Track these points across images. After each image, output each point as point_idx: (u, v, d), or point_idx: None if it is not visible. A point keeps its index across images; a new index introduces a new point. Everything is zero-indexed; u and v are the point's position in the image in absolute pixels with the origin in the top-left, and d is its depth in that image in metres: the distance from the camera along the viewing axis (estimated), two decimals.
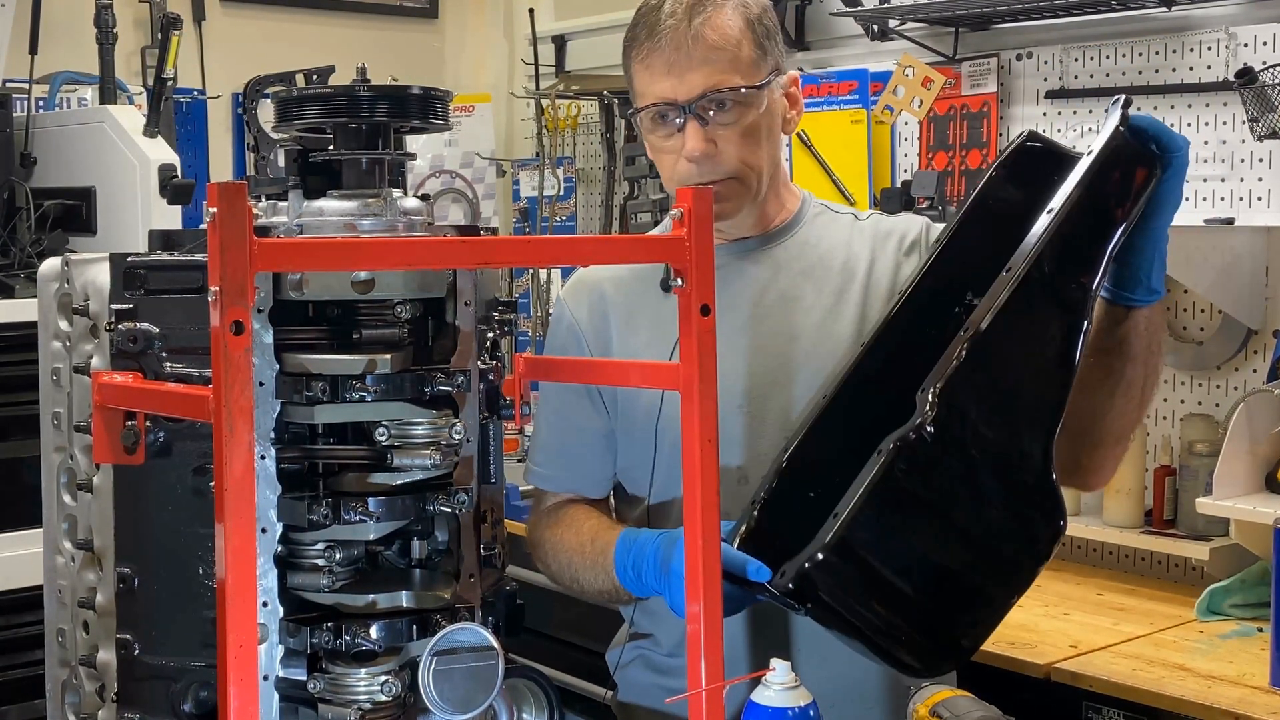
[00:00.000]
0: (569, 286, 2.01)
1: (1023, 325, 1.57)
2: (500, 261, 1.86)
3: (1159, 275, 1.67)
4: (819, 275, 1.88)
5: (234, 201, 1.08)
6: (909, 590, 1.53)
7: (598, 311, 1.93)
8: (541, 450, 1.97)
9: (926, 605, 1.54)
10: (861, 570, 1.51)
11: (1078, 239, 1.59)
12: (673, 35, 1.76)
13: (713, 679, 1.30)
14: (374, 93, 1.37)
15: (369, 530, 1.33)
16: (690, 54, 1.76)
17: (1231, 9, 2.94)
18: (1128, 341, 1.69)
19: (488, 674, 1.28)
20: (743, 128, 1.80)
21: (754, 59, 1.80)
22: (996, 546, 1.56)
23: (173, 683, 1.35)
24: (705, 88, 1.77)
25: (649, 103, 1.80)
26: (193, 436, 1.33)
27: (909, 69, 3.41)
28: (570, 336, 1.95)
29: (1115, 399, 1.73)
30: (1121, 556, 3.16)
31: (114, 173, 3.20)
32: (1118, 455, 1.81)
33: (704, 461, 1.31)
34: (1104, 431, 1.76)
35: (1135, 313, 1.68)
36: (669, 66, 1.77)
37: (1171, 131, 1.62)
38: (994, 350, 1.55)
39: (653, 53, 1.78)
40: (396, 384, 1.32)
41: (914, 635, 1.55)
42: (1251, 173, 2.90)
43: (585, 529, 1.85)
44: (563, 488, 1.96)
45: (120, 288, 1.35)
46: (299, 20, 4.65)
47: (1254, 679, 2.42)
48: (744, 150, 1.81)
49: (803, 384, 1.81)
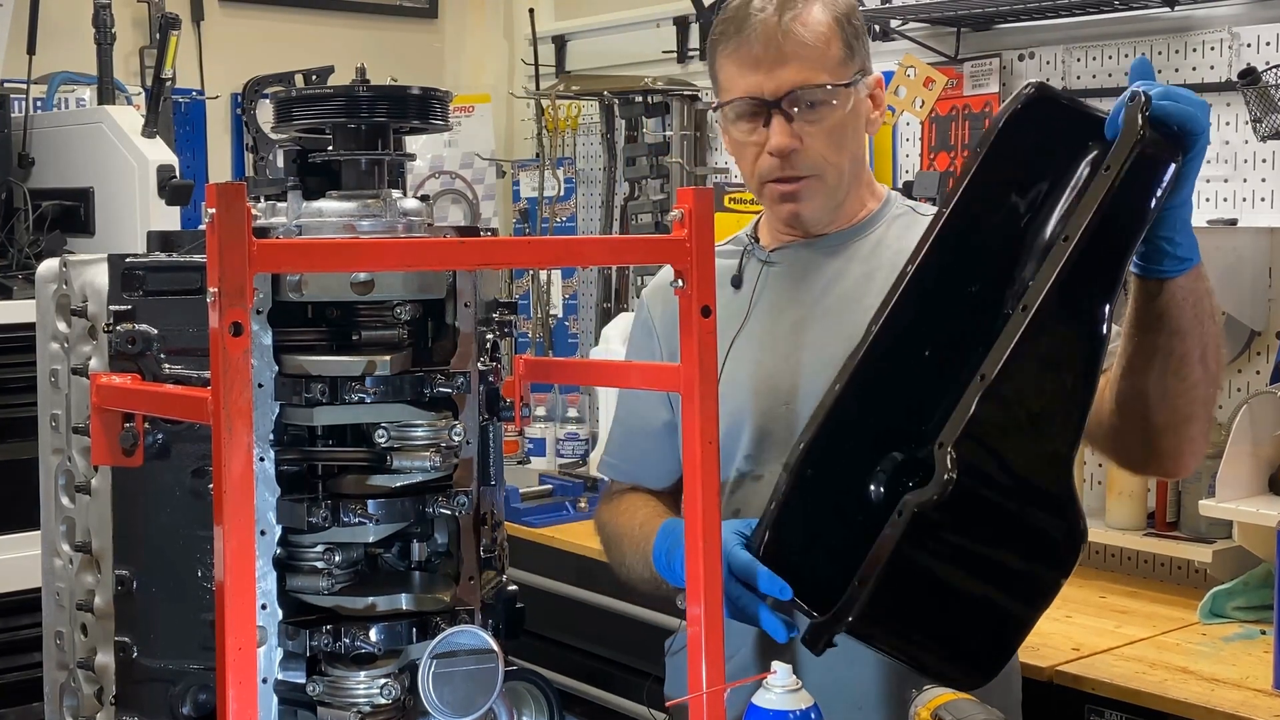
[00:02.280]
0: (650, 287, 2.07)
1: (1038, 360, 1.51)
2: (500, 263, 1.86)
3: (1187, 243, 1.56)
4: (884, 276, 1.80)
5: (233, 202, 1.07)
6: (936, 631, 1.57)
7: (670, 309, 1.93)
8: (611, 440, 2.04)
9: (955, 639, 1.58)
10: (888, 627, 1.55)
11: (1095, 264, 1.50)
12: (763, 30, 1.76)
13: (713, 681, 1.30)
14: (373, 93, 1.36)
15: (368, 532, 1.33)
16: (781, 49, 1.76)
17: (1234, 9, 2.94)
18: (1169, 314, 1.59)
19: (487, 677, 1.28)
20: (828, 126, 1.80)
21: (842, 57, 1.81)
22: (1020, 572, 1.56)
23: (171, 685, 1.35)
24: (793, 84, 1.77)
25: (735, 96, 1.81)
26: (191, 438, 1.32)
27: (911, 69, 3.41)
28: (644, 334, 2.01)
29: (1168, 378, 1.63)
30: (1124, 559, 3.15)
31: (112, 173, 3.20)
32: (1193, 436, 1.69)
33: (704, 462, 1.30)
34: (1169, 413, 1.66)
35: (1170, 284, 1.58)
36: (757, 62, 1.77)
37: (1194, 111, 1.50)
38: (1010, 394, 1.50)
39: (741, 47, 1.78)
40: (396, 386, 1.31)
41: (944, 663, 1.58)
42: (1255, 173, 2.89)
43: (639, 516, 1.89)
44: (626, 477, 2.01)
45: (119, 289, 1.34)
46: (298, 20, 4.64)
47: (1257, 682, 2.41)
48: (827, 148, 1.82)
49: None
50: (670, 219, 1.34)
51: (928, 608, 1.56)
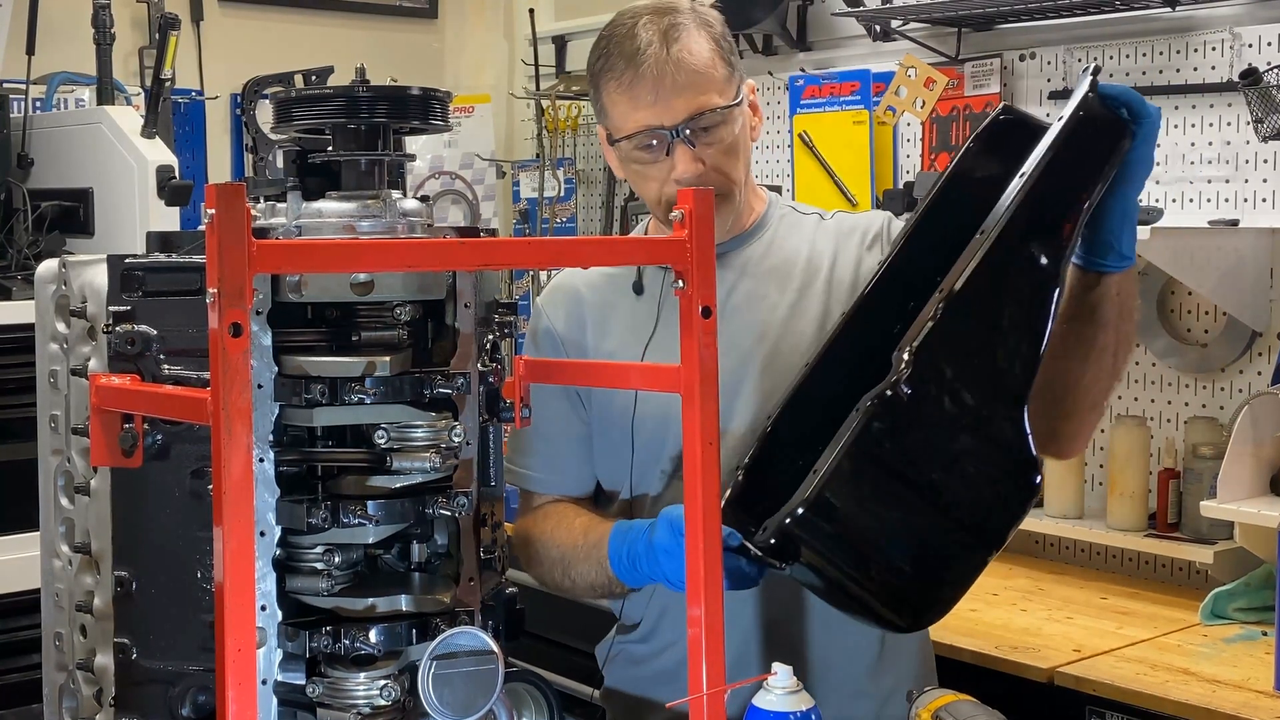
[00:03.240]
0: (546, 292, 2.05)
1: (996, 287, 1.60)
2: (500, 263, 1.86)
3: (1130, 241, 1.69)
4: (783, 274, 1.93)
5: (232, 203, 1.07)
6: (888, 546, 1.56)
7: (573, 316, 1.97)
8: (524, 452, 1.99)
9: (905, 561, 1.58)
10: (841, 526, 1.54)
11: (1050, 203, 1.61)
12: (653, 64, 1.80)
13: (714, 683, 1.29)
14: (373, 93, 1.36)
15: (368, 533, 1.33)
16: (675, 80, 1.80)
17: (1236, 9, 2.93)
18: (1100, 308, 1.72)
19: (487, 678, 1.28)
20: (726, 145, 1.85)
21: (726, 76, 1.86)
22: (972, 504, 1.58)
23: (171, 687, 1.35)
24: (690, 111, 1.81)
25: (635, 129, 1.84)
26: (191, 439, 1.32)
27: (911, 69, 3.41)
28: (547, 341, 1.99)
29: (1088, 365, 1.75)
30: (1125, 560, 3.15)
31: (111, 174, 3.19)
32: (1093, 423, 1.84)
33: (705, 463, 1.30)
34: (1078, 399, 1.78)
35: (1107, 279, 1.71)
36: (654, 94, 1.81)
37: (1142, 98, 1.64)
38: (967, 310, 1.57)
39: (636, 83, 1.81)
40: (396, 386, 1.31)
41: (894, 591, 1.59)
42: (1256, 174, 2.89)
43: (577, 525, 1.88)
44: (551, 489, 1.99)
45: (118, 289, 1.34)
46: (298, 20, 4.64)
47: (1258, 683, 2.41)
48: (727, 165, 1.87)
49: (769, 379, 1.85)
50: (670, 219, 1.34)
51: (872, 525, 1.55)
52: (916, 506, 1.56)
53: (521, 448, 1.99)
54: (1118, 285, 1.72)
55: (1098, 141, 1.63)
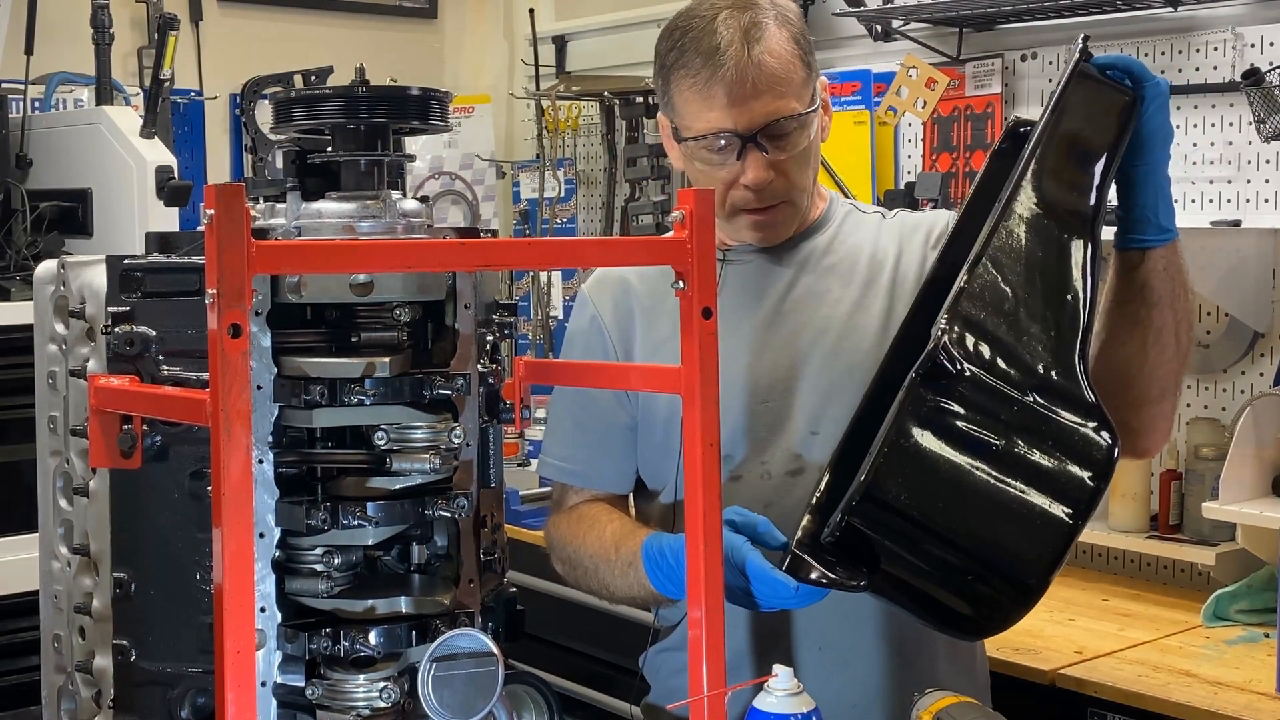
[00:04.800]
0: (593, 280, 1.99)
1: (1020, 245, 1.55)
2: (500, 264, 1.85)
3: (1167, 213, 1.64)
4: (845, 270, 1.88)
5: (231, 203, 1.07)
6: (958, 528, 1.44)
7: (622, 306, 1.93)
8: (562, 443, 1.94)
9: (981, 542, 1.46)
10: (901, 513, 1.44)
11: (1061, 161, 1.59)
12: (734, 65, 1.73)
13: (714, 685, 1.29)
14: (373, 94, 1.36)
15: (368, 535, 1.32)
16: (756, 84, 1.74)
17: (1238, 9, 2.93)
18: (1149, 286, 1.66)
19: (487, 680, 1.27)
20: (799, 152, 1.81)
21: (804, 79, 1.80)
22: (1046, 467, 1.45)
23: (170, 689, 1.34)
24: (768, 117, 1.76)
25: (706, 131, 1.78)
26: (190, 440, 1.32)
27: (913, 70, 3.41)
28: (593, 330, 1.94)
29: (1148, 349, 1.69)
30: (1127, 561, 3.15)
31: (110, 174, 3.19)
32: (1165, 413, 1.75)
33: (705, 465, 1.30)
34: (1145, 387, 1.71)
35: (1151, 255, 1.65)
36: (731, 97, 1.74)
37: (1143, 65, 1.62)
38: (995, 271, 1.52)
39: (712, 83, 1.74)
40: (395, 387, 1.31)
41: (972, 581, 1.48)
42: (1258, 174, 2.89)
43: (608, 533, 1.83)
44: (587, 483, 1.93)
45: (117, 290, 1.34)
46: (297, 20, 4.64)
47: (1260, 685, 2.41)
48: (797, 174, 1.82)
49: (830, 377, 1.81)
50: (671, 220, 1.34)
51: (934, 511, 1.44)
52: (985, 479, 1.44)
53: (561, 441, 1.94)
54: (1164, 260, 1.66)
55: (1100, 101, 1.60)
